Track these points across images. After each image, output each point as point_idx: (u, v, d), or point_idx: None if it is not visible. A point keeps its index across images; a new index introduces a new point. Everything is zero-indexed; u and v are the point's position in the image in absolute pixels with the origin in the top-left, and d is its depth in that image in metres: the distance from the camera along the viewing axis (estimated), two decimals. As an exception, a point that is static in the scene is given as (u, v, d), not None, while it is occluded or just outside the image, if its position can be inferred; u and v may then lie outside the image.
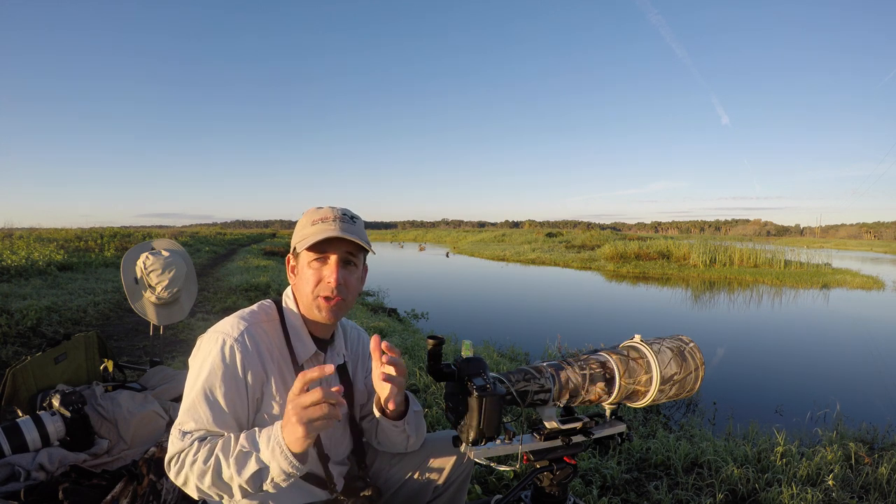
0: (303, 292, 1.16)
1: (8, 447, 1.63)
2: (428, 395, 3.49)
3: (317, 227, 1.13)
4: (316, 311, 1.16)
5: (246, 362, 1.08)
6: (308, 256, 1.14)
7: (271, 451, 0.94)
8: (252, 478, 0.95)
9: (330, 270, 1.13)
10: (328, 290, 1.13)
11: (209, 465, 0.96)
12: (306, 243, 1.11)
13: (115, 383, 2.29)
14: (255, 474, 0.95)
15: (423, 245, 39.31)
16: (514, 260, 22.60)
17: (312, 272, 1.14)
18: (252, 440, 0.98)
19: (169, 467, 1.02)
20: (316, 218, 1.15)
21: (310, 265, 1.14)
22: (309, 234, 1.13)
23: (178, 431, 1.03)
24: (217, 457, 0.97)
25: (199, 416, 1.03)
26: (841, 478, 2.51)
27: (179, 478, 1.01)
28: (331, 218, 1.14)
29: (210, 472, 0.96)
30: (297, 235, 1.17)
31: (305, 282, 1.15)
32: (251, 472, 0.95)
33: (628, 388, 1.15)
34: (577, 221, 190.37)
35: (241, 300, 7.56)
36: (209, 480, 0.96)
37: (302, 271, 1.16)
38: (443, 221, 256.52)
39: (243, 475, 0.94)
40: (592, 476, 2.45)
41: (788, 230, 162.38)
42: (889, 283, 14.79)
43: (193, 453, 0.99)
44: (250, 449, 0.96)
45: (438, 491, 1.33)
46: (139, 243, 2.94)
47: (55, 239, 15.82)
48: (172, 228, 61.43)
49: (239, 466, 0.95)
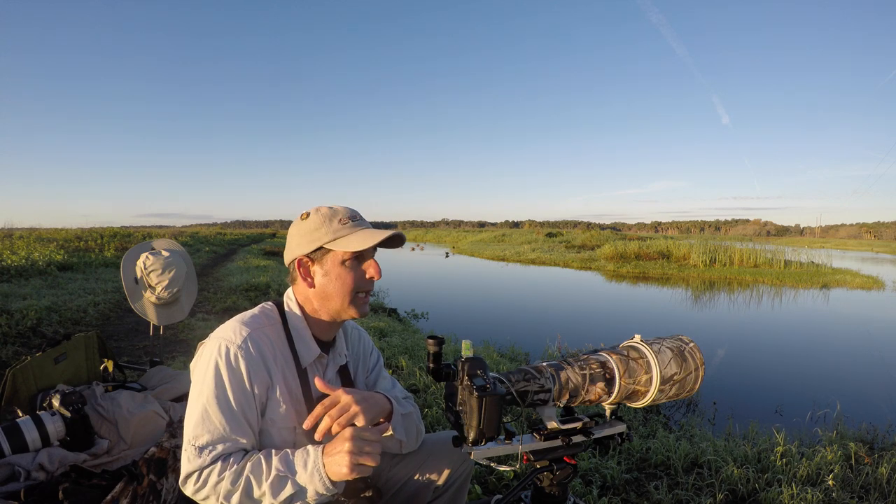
0: (336, 293, 1.14)
1: (8, 447, 1.63)
2: (428, 395, 3.49)
3: (348, 226, 1.14)
4: (354, 308, 1.16)
5: (251, 369, 1.07)
6: (342, 256, 1.13)
7: (310, 477, 1.00)
8: (288, 499, 1.01)
9: (370, 265, 1.17)
10: (370, 285, 1.17)
11: (238, 485, 1.00)
12: (363, 244, 1.10)
13: (115, 383, 2.29)
14: (291, 496, 1.01)
15: (418, 245, 38.91)
16: (514, 260, 22.59)
17: (348, 270, 1.14)
18: (287, 464, 1.02)
19: (185, 484, 1.02)
20: (343, 217, 1.15)
21: (345, 264, 1.14)
22: (345, 234, 1.13)
23: (192, 447, 1.02)
24: (248, 478, 1.00)
25: (213, 427, 1.02)
26: (841, 478, 2.51)
27: (199, 495, 1.02)
28: (356, 218, 1.17)
29: (239, 492, 1.00)
30: (323, 237, 1.13)
31: (342, 281, 1.14)
32: (287, 495, 1.00)
33: (628, 388, 1.15)
34: (577, 221, 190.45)
35: (241, 300, 7.56)
36: (237, 499, 1.00)
37: (334, 271, 1.14)
38: (443, 221, 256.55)
39: (279, 497, 1.00)
40: (592, 476, 2.45)
41: (788, 230, 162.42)
42: (889, 283, 14.78)
43: (218, 473, 1.00)
44: (286, 473, 1.01)
45: (439, 491, 1.33)
46: (139, 243, 2.94)
47: (55, 239, 15.80)
48: (172, 228, 61.44)
49: (275, 490, 1.00)
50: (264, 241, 38.07)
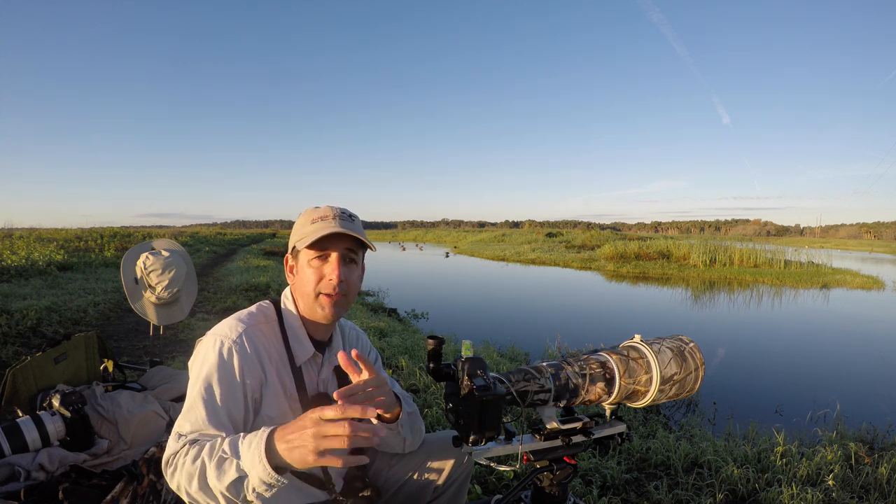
0: (303, 291, 1.16)
1: (8, 447, 1.63)
2: (428, 395, 3.49)
3: (316, 224, 1.13)
4: (318, 309, 1.15)
5: (244, 365, 1.07)
6: (308, 255, 1.14)
7: (251, 460, 0.89)
8: (232, 485, 0.90)
9: (331, 267, 1.13)
10: (330, 288, 1.13)
11: (196, 467, 0.93)
12: (307, 241, 1.11)
13: (115, 383, 2.29)
14: (235, 482, 0.90)
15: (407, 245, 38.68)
16: (514, 260, 22.58)
17: (313, 270, 1.14)
18: (234, 446, 0.93)
19: (165, 470, 1.01)
20: (315, 216, 1.16)
21: (310, 263, 1.14)
22: (309, 231, 1.13)
23: (175, 434, 1.03)
24: (203, 460, 0.93)
25: (194, 417, 1.02)
26: (841, 478, 2.51)
27: (173, 481, 0.98)
28: (330, 216, 1.15)
29: (196, 476, 0.92)
30: (295, 235, 1.18)
31: (306, 281, 1.14)
32: (230, 480, 0.90)
33: (628, 388, 1.15)
34: (577, 221, 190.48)
35: (241, 300, 7.56)
36: (196, 485, 0.92)
37: (302, 270, 1.16)
38: (443, 221, 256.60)
39: (223, 481, 0.90)
40: (592, 476, 2.45)
41: (788, 230, 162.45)
42: (889, 283, 14.78)
43: (184, 455, 0.97)
44: (231, 455, 0.91)
45: (438, 491, 1.33)
46: (139, 243, 2.94)
47: (55, 239, 15.81)
48: (172, 228, 61.44)
49: (219, 472, 0.90)
50: (264, 241, 38.07)
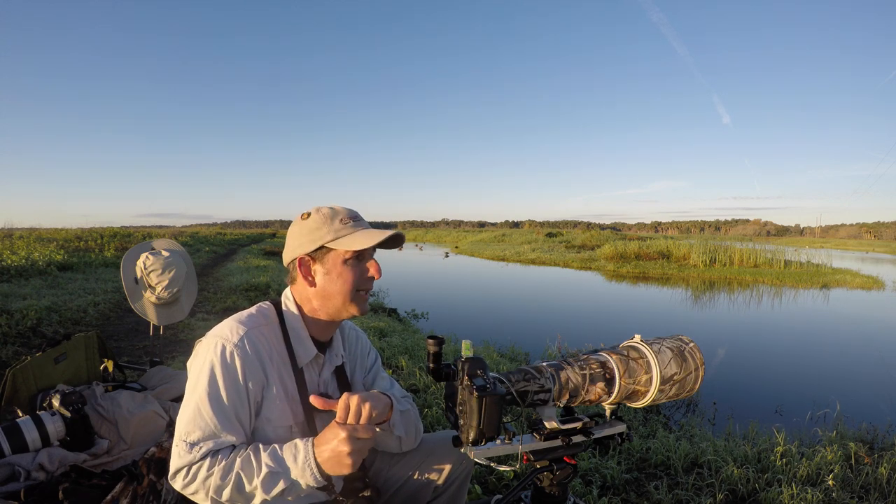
0: (338, 291, 1.15)
1: (8, 447, 1.63)
2: (428, 395, 3.49)
3: (351, 226, 1.15)
4: (355, 307, 1.18)
5: (246, 368, 1.07)
6: (343, 256, 1.15)
7: (301, 471, 1.01)
8: (280, 493, 1.02)
9: (371, 264, 1.19)
10: (371, 283, 1.19)
11: (228, 480, 1.00)
12: (365, 243, 1.12)
13: (115, 383, 2.29)
14: (283, 491, 1.02)
15: (418, 245, 38.94)
16: (514, 260, 22.58)
17: (350, 269, 1.15)
18: (277, 460, 1.03)
19: (175, 479, 1.03)
20: (343, 217, 1.17)
21: (346, 263, 1.15)
22: (346, 233, 1.14)
23: (183, 443, 1.03)
24: (238, 474, 1.01)
25: (205, 424, 1.03)
26: (841, 478, 2.51)
27: (188, 490, 1.03)
28: (357, 218, 1.19)
29: (230, 487, 1.00)
30: (325, 237, 1.14)
31: (343, 280, 1.15)
32: (279, 490, 1.01)
33: (628, 388, 1.15)
34: (577, 221, 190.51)
35: (241, 300, 7.56)
36: (227, 494, 1.01)
37: (335, 270, 1.15)
38: (443, 221, 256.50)
39: (272, 493, 1.01)
40: (592, 476, 2.45)
41: (788, 230, 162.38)
42: (889, 283, 14.78)
43: (207, 469, 1.01)
44: (278, 469, 1.02)
45: (438, 491, 1.33)
46: (139, 243, 2.94)
47: (55, 239, 15.80)
48: (172, 228, 61.43)
49: (266, 486, 1.00)
50: (264, 241, 38.06)
